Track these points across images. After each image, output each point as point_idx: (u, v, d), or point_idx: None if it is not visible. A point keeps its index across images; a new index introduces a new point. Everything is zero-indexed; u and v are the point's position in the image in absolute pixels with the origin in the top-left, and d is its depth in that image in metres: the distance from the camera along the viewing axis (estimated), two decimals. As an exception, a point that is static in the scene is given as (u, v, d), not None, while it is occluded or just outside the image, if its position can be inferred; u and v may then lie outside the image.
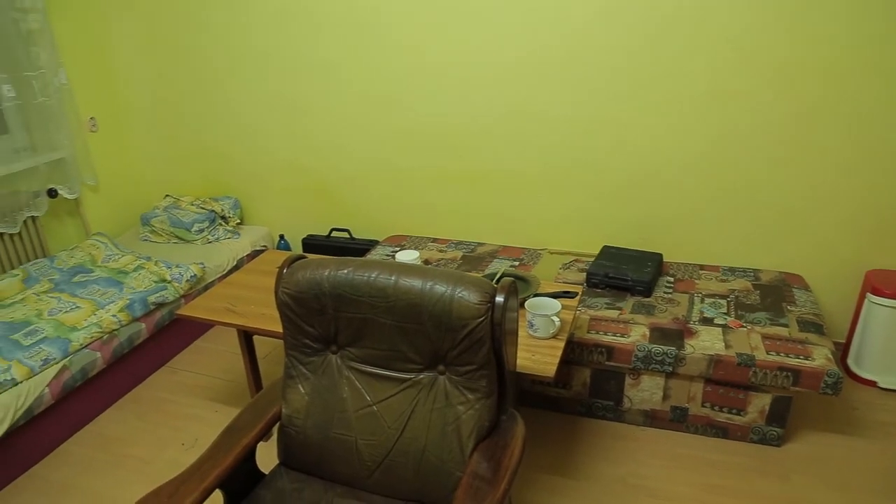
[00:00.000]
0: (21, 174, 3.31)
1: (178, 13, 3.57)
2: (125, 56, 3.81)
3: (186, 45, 3.64)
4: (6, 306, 2.87)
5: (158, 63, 3.76)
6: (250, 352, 2.51)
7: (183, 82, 3.75)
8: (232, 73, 3.59)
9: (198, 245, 3.58)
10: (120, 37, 3.76)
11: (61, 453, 2.61)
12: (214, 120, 3.77)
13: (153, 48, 3.73)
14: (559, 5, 2.83)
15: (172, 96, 3.82)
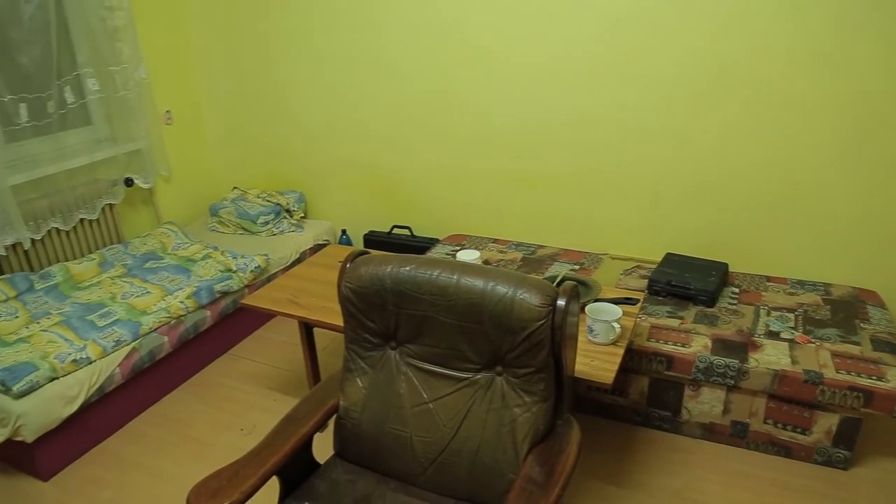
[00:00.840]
0: (101, 163, 3.47)
1: (250, 12, 3.67)
2: (200, 53, 3.95)
3: (257, 44, 3.74)
4: (84, 288, 3.02)
5: (230, 60, 3.88)
6: (310, 343, 2.57)
7: (253, 79, 3.86)
8: (300, 71, 3.68)
9: (263, 237, 3.68)
10: (196, 34, 3.90)
11: (129, 430, 2.72)
12: (282, 116, 3.87)
13: (226, 46, 3.85)
14: (628, 7, 2.79)
15: (243, 92, 3.94)
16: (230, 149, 4.17)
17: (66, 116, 3.31)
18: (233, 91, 3.98)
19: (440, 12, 3.17)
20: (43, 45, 3.12)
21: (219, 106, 4.07)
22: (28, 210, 3.09)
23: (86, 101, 3.43)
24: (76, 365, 2.47)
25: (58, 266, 3.12)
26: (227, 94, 4.01)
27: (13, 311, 2.78)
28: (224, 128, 4.12)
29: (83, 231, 3.40)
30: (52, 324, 2.70)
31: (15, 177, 3.03)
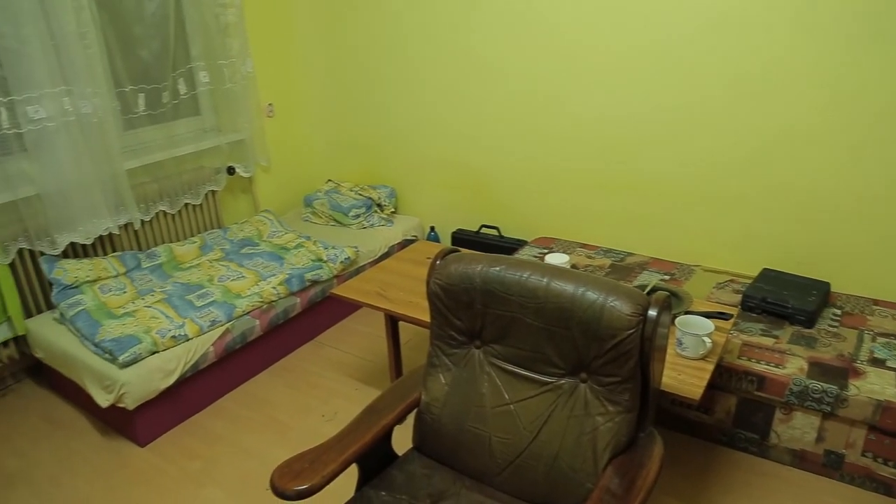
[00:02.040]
0: (207, 152, 3.65)
1: (350, 12, 3.77)
2: (304, 49, 4.09)
3: (355, 42, 3.84)
4: (185, 269, 3.19)
5: (331, 57, 4.00)
6: (395, 337, 2.61)
7: (351, 76, 3.96)
8: (395, 68, 3.75)
9: (353, 229, 3.77)
10: (301, 31, 4.04)
11: (218, 407, 2.86)
12: (377, 112, 3.95)
13: (327, 43, 3.97)
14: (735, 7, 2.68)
15: (341, 88, 4.05)
16: (326, 142, 4.31)
17: (178, 106, 3.50)
18: (331, 87, 4.10)
19: (532, 10, 3.15)
20: (162, 40, 3.32)
21: (317, 101, 4.21)
22: (140, 193, 3.30)
23: (196, 92, 3.62)
24: (175, 341, 2.61)
25: (163, 247, 3.31)
26: (325, 90, 4.14)
27: (122, 287, 2.97)
28: (321, 122, 4.26)
29: (187, 215, 3.59)
30: (156, 301, 2.87)
31: (130, 162, 3.24)
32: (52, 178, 2.90)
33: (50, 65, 2.81)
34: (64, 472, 2.51)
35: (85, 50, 2.92)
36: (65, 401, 2.97)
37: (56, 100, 2.85)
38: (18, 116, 2.77)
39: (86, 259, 3.05)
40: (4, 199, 2.82)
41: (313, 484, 1.45)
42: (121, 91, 3.23)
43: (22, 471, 2.54)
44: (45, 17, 2.78)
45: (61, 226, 2.97)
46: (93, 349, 2.60)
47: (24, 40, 2.71)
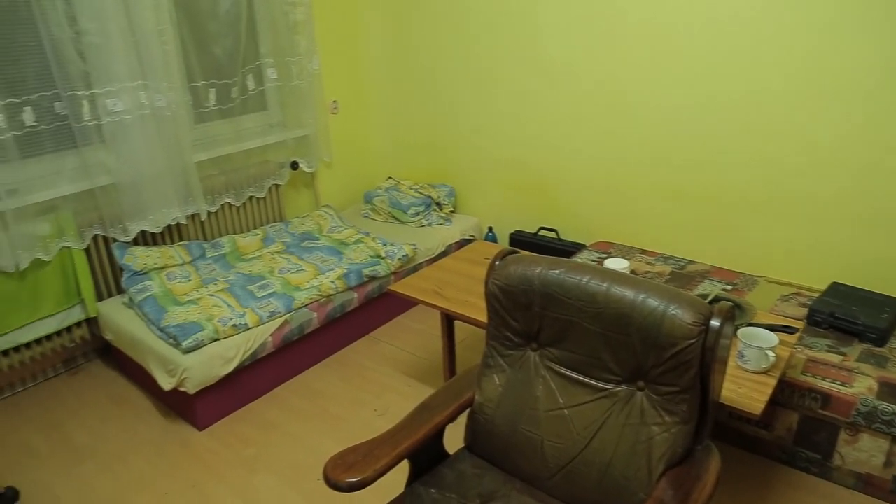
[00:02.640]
0: (272, 146, 3.74)
1: (416, 11, 3.80)
2: (369, 48, 4.14)
3: (421, 41, 3.87)
4: (247, 260, 3.28)
5: (396, 55, 4.04)
6: (450, 335, 2.63)
7: (415, 75, 3.99)
8: (459, 68, 3.76)
9: (412, 227, 3.80)
10: (367, 30, 4.10)
11: (274, 396, 2.92)
12: (439, 111, 3.97)
13: (393, 41, 4.01)
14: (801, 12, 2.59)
15: (405, 87, 4.09)
16: (388, 140, 4.35)
17: (247, 102, 3.60)
18: (395, 85, 4.14)
19: (603, 10, 3.11)
20: (233, 37, 3.42)
21: (381, 98, 4.26)
22: (207, 185, 3.41)
23: (264, 88, 3.71)
24: (235, 329, 2.69)
25: (227, 238, 3.41)
26: (389, 88, 4.18)
27: (187, 275, 3.07)
28: (384, 119, 4.31)
29: (251, 207, 3.69)
30: (218, 289, 2.96)
31: (199, 154, 3.35)
32: (126, 168, 3.02)
33: (129, 60, 2.93)
34: (128, 450, 2.62)
35: (162, 46, 3.03)
36: (130, 382, 3.09)
37: (133, 93, 2.97)
38: (98, 109, 2.90)
39: (154, 247, 3.17)
40: (83, 188, 2.96)
41: (365, 477, 1.47)
42: (193, 86, 3.34)
43: (90, 446, 2.65)
44: (127, 14, 2.90)
45: (133, 214, 3.09)
46: (158, 334, 2.70)
47: (107, 36, 2.84)
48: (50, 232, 2.88)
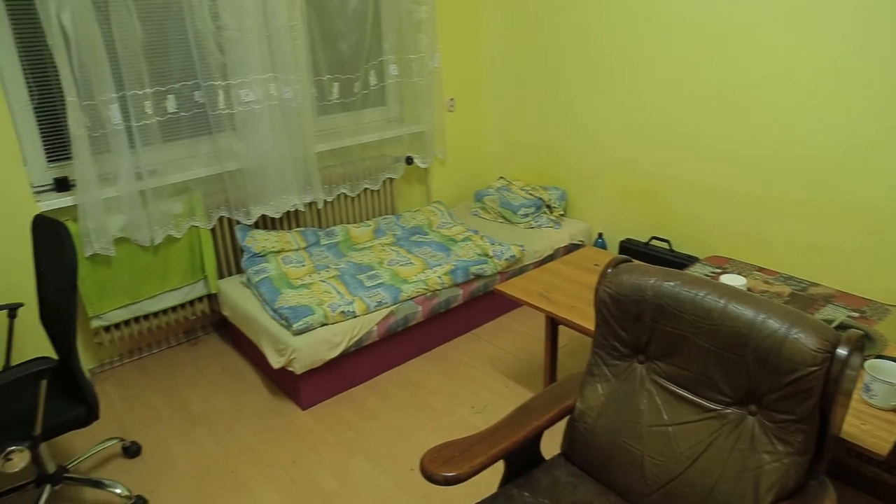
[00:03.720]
0: (389, 141, 3.84)
1: (537, 13, 3.77)
2: (489, 48, 4.16)
3: (541, 43, 3.84)
4: (358, 250, 3.38)
5: (515, 56, 4.03)
6: (553, 339, 2.60)
7: (533, 76, 3.97)
8: (577, 71, 3.70)
9: (520, 228, 3.79)
10: (487, 30, 4.12)
11: (375, 384, 3.00)
12: (556, 113, 3.93)
13: (513, 42, 4.01)
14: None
15: (522, 88, 4.07)
16: (502, 140, 4.36)
17: (367, 97, 3.71)
18: (512, 85, 4.14)
19: (730, 15, 2.97)
20: (359, 34, 3.53)
21: (497, 98, 4.27)
22: (325, 175, 3.54)
23: (385, 84, 3.81)
24: (343, 316, 2.78)
25: (340, 227, 3.53)
26: (505, 88, 4.18)
27: (301, 260, 3.21)
28: (499, 119, 4.31)
29: (365, 199, 3.80)
30: (329, 276, 3.07)
31: (320, 145, 3.49)
32: (253, 155, 3.19)
33: (262, 54, 3.09)
34: (236, 421, 2.77)
35: (292, 41, 3.18)
36: (242, 357, 3.26)
37: (264, 85, 3.13)
38: (232, 98, 3.08)
39: (273, 231, 3.33)
40: (214, 172, 3.16)
41: (461, 472, 1.48)
42: (318, 79, 3.48)
43: (203, 413, 2.83)
44: (264, 10, 3.06)
45: (256, 199, 3.26)
46: (271, 314, 2.83)
47: (244, 31, 3.00)
48: (182, 211, 3.09)
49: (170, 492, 2.39)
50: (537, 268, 2.82)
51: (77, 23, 2.62)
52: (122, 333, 3.11)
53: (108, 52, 2.73)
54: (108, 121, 2.78)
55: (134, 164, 2.89)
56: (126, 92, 2.84)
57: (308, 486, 2.38)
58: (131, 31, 2.79)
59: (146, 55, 2.87)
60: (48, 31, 2.57)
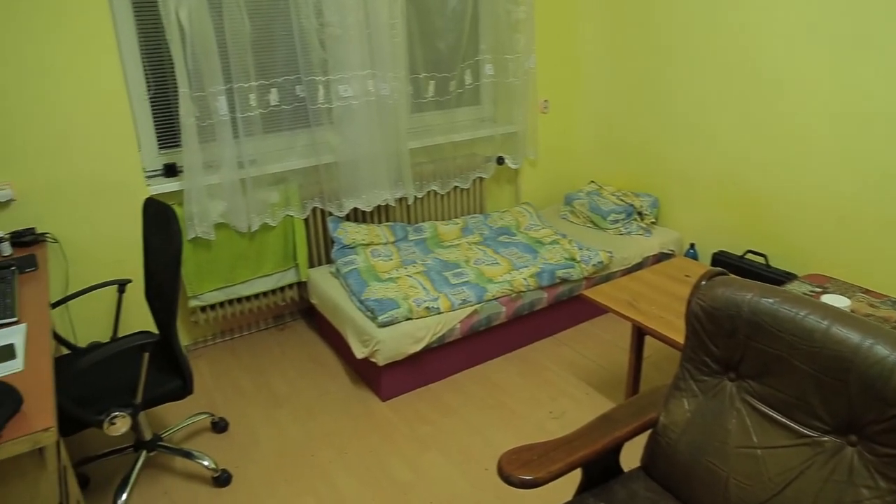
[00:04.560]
0: (481, 140, 3.85)
1: (637, 17, 3.68)
2: (585, 50, 4.10)
3: (638, 47, 3.75)
4: (445, 247, 3.41)
5: (611, 59, 3.95)
6: (638, 350, 2.54)
7: (629, 80, 3.88)
8: (678, 77, 3.58)
9: (609, 234, 3.71)
10: (585, 32, 4.06)
11: (454, 381, 3.02)
12: (654, 117, 3.83)
13: (610, 45, 3.93)
14: None
15: (618, 92, 3.99)
16: (594, 143, 4.28)
17: (462, 95, 3.73)
18: (607, 89, 4.06)
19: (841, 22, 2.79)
20: (457, 33, 3.56)
21: (591, 101, 4.20)
22: (417, 172, 3.59)
23: (479, 83, 3.82)
24: (428, 312, 2.81)
25: (429, 223, 3.57)
26: (602, 92, 4.11)
27: (389, 254, 3.26)
28: (593, 123, 4.24)
29: (454, 197, 3.83)
30: (416, 272, 3.11)
31: (413, 142, 3.54)
32: (348, 149, 3.27)
33: (362, 50, 3.17)
34: (318, 406, 2.85)
35: (392, 39, 3.23)
36: (327, 345, 3.36)
37: (362, 81, 3.21)
38: (331, 93, 3.17)
39: (363, 224, 3.41)
40: (310, 164, 3.26)
41: (538, 477, 1.47)
42: (414, 77, 3.53)
43: (287, 396, 2.93)
44: (365, 8, 3.13)
45: (349, 192, 3.34)
46: (357, 305, 2.90)
47: (346, 28, 3.08)
48: (278, 200, 3.21)
49: (253, 468, 2.49)
50: (625, 276, 2.76)
51: (193, 19, 2.76)
52: (217, 314, 3.26)
53: (218, 47, 2.87)
54: (215, 111, 2.92)
55: (236, 154, 3.03)
56: (233, 84, 2.98)
57: (383, 475, 2.43)
58: (241, 26, 2.92)
59: (253, 50, 3.00)
60: (167, 26, 2.73)
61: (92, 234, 2.89)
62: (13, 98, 2.59)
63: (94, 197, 2.85)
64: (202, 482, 2.43)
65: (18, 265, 2.35)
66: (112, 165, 2.85)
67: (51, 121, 2.69)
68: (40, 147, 2.69)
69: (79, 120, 2.74)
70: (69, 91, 2.69)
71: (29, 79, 2.60)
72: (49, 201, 2.77)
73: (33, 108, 2.64)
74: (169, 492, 2.39)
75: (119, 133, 2.83)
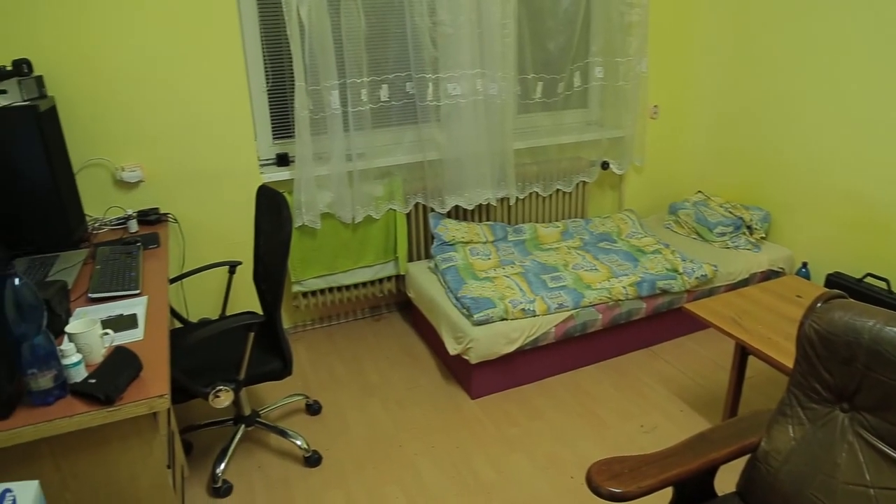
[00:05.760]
0: (586, 144, 3.79)
1: (764, 18, 3.50)
2: (701, 55, 3.95)
3: (758, 54, 3.57)
4: (544, 250, 3.39)
5: (728, 66, 3.79)
6: (740, 369, 2.43)
7: (745, 87, 3.70)
8: (796, 85, 3.39)
9: (714, 247, 3.56)
10: (702, 37, 3.91)
11: (544, 385, 2.99)
12: (772, 128, 3.64)
13: (728, 51, 3.76)
14: None
15: (731, 99, 3.82)
16: (704, 152, 4.12)
17: (570, 98, 3.69)
18: (721, 96, 3.89)
19: None
20: (568, 35, 3.52)
21: (703, 108, 4.04)
22: (520, 172, 3.58)
23: (588, 86, 3.77)
24: (523, 313, 2.80)
25: (529, 225, 3.56)
26: (717, 99, 3.94)
27: (488, 253, 3.28)
28: (704, 131, 4.08)
29: (556, 200, 3.80)
30: (514, 272, 3.11)
31: (518, 143, 3.53)
32: (453, 146, 3.31)
33: (472, 49, 3.19)
34: (408, 398, 2.90)
35: (502, 39, 3.24)
36: (420, 338, 3.41)
37: (471, 80, 3.23)
38: (440, 91, 3.21)
39: (464, 222, 3.44)
40: (415, 160, 3.33)
41: (628, 491, 1.44)
42: (523, 78, 3.52)
43: (379, 386, 3.00)
44: (478, 8, 3.15)
45: (452, 189, 3.38)
46: (454, 302, 2.93)
47: (458, 27, 3.12)
48: (382, 194, 3.29)
49: (342, 453, 2.57)
50: (730, 291, 2.65)
51: (312, 16, 2.87)
52: (317, 301, 3.38)
53: (334, 43, 2.97)
54: (328, 105, 3.03)
55: (346, 147, 3.13)
56: (346, 80, 3.07)
57: (467, 472, 2.45)
58: (356, 23, 3.01)
59: (366, 46, 3.08)
60: (288, 23, 2.85)
61: (208, 217, 3.07)
62: (149, 89, 2.79)
63: (212, 182, 3.03)
64: (294, 460, 2.53)
65: (143, 242, 2.53)
66: (230, 153, 3.01)
67: (180, 110, 2.87)
68: (169, 133, 2.89)
69: (205, 110, 2.91)
70: (198, 84, 2.87)
71: (163, 72, 2.79)
72: (172, 184, 2.96)
73: (166, 98, 2.83)
74: (263, 466, 2.51)
75: (239, 124, 2.99)
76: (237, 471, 2.49)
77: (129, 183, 2.88)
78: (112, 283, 2.09)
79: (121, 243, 2.49)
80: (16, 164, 2.30)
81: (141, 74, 2.76)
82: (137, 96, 2.79)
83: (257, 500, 2.34)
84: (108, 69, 2.71)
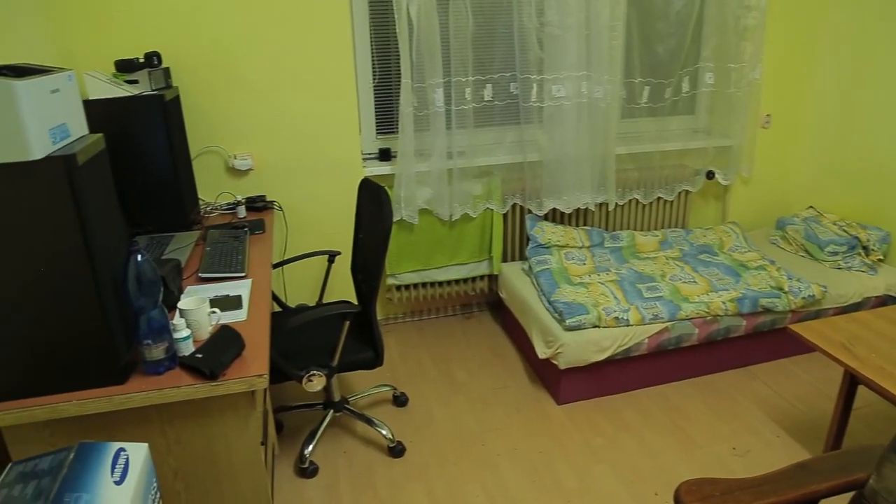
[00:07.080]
0: (691, 152, 3.67)
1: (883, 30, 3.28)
2: (821, 63, 3.73)
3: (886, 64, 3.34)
4: (641, 258, 3.32)
5: (851, 75, 3.56)
6: (848, 398, 2.29)
7: (869, 98, 3.47)
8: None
9: (825, 267, 3.37)
10: (824, 43, 3.69)
11: (633, 397, 2.93)
12: (893, 144, 3.41)
13: (851, 59, 3.53)
14: None
15: (853, 111, 3.59)
16: (818, 166, 3.90)
17: (677, 104, 3.58)
18: (843, 107, 3.66)
19: None
20: (678, 38, 3.42)
21: (820, 120, 3.82)
22: (620, 178, 3.52)
23: (696, 92, 3.64)
24: (616, 322, 2.76)
25: (626, 232, 3.49)
26: (835, 110, 3.72)
27: (583, 258, 3.24)
28: (819, 142, 3.86)
29: (656, 208, 3.70)
30: (609, 280, 3.06)
31: (620, 148, 3.47)
32: (554, 149, 3.29)
33: (579, 51, 3.15)
34: (493, 399, 2.92)
35: (610, 41, 3.19)
36: (509, 340, 3.42)
37: (576, 82, 3.20)
38: (544, 93, 3.20)
39: (560, 225, 3.41)
40: (515, 160, 3.33)
41: (719, 514, 1.40)
42: (629, 82, 3.44)
43: (465, 384, 3.03)
44: (587, 9, 3.11)
45: (550, 192, 3.36)
46: (546, 305, 2.91)
47: (565, 28, 3.09)
48: (480, 193, 3.31)
49: (425, 446, 2.61)
50: (839, 315, 2.50)
51: (421, 15, 2.92)
52: (410, 294, 3.44)
53: (441, 42, 3.01)
54: (432, 103, 3.07)
55: (447, 144, 3.17)
56: (451, 78, 3.11)
57: (549, 478, 2.43)
58: (464, 23, 3.03)
59: (473, 46, 3.11)
60: (398, 21, 2.92)
61: (311, 206, 3.19)
62: (263, 81, 2.93)
63: (316, 173, 3.14)
64: (378, 449, 2.60)
65: (250, 227, 2.66)
66: (336, 146, 3.12)
67: (291, 103, 3.00)
68: (279, 125, 3.02)
69: (314, 104, 3.03)
70: (309, 78, 2.99)
71: (276, 66, 2.92)
72: (279, 173, 3.10)
73: (278, 91, 2.97)
74: (348, 452, 2.59)
75: (345, 118, 3.08)
76: (323, 454, 2.58)
77: (240, 170, 3.03)
78: (220, 265, 2.21)
79: (230, 227, 2.63)
80: (143, 149, 2.47)
81: (255, 67, 2.90)
82: (252, 88, 2.93)
83: (341, 484, 2.42)
84: (225, 62, 2.87)
